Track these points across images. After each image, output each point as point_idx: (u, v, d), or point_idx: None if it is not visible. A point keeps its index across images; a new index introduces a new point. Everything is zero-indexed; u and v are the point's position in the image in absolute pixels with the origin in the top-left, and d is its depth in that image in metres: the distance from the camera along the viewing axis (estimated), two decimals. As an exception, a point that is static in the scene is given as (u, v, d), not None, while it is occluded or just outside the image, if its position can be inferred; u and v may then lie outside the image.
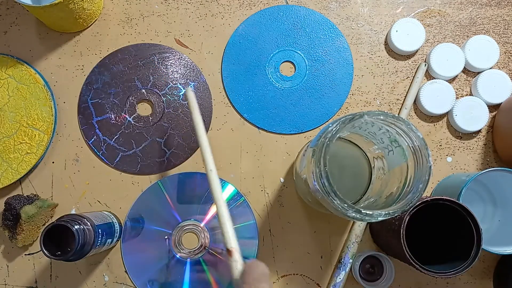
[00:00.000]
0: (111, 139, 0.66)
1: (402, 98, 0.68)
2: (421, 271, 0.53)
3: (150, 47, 0.67)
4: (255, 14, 0.68)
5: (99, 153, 0.66)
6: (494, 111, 0.68)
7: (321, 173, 0.44)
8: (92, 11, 0.66)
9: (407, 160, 0.48)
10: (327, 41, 0.68)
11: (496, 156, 0.67)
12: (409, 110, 0.67)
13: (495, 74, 0.67)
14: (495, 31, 0.69)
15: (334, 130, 0.45)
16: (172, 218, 0.64)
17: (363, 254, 0.63)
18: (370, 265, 0.64)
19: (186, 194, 0.65)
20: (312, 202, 0.58)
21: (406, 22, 0.67)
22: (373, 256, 0.64)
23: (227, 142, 0.66)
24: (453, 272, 0.53)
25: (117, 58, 0.67)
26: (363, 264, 0.64)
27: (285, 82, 0.67)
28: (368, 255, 0.63)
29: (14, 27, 0.67)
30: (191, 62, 0.67)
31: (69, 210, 0.65)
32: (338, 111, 0.67)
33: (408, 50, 0.67)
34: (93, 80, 0.67)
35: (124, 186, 0.65)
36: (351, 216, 0.45)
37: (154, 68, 0.67)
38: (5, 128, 0.64)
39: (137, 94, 0.66)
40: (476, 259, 0.53)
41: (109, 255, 0.64)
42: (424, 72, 0.67)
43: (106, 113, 0.66)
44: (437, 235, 0.62)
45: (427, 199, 0.54)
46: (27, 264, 0.64)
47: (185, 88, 0.66)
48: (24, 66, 0.65)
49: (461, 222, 0.55)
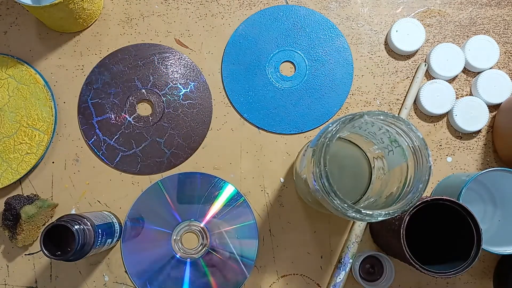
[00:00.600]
0: (111, 139, 0.66)
1: (402, 98, 0.68)
2: (421, 271, 0.53)
3: (150, 47, 0.67)
4: (255, 14, 0.68)
5: (99, 153, 0.66)
6: (494, 111, 0.68)
7: (321, 173, 0.44)
8: (92, 11, 0.66)
9: (407, 160, 0.48)
10: (327, 41, 0.68)
11: (496, 156, 0.67)
12: (409, 110, 0.67)
13: (495, 74, 0.67)
14: (495, 31, 0.69)
15: (334, 130, 0.45)
16: (172, 218, 0.64)
17: (363, 254, 0.63)
18: (370, 265, 0.64)
19: (186, 194, 0.65)
20: (312, 202, 0.58)
21: (406, 22, 0.67)
22: (373, 256, 0.64)
23: (227, 142, 0.66)
24: (453, 272, 0.53)
25: (117, 58, 0.67)
26: (363, 264, 0.64)
27: (285, 82, 0.67)
28: (368, 255, 0.63)
29: (14, 27, 0.67)
30: (191, 62, 0.67)
31: (69, 210, 0.65)
32: (338, 111, 0.67)
33: (408, 50, 0.67)
34: (93, 80, 0.67)
35: (124, 186, 0.65)
36: (351, 216, 0.45)
37: (154, 68, 0.67)
38: (5, 128, 0.64)
39: (137, 94, 0.66)
40: (476, 259, 0.53)
41: (109, 255, 0.64)
42: (424, 72, 0.67)
43: (106, 113, 0.66)
44: (437, 235, 0.62)
45: (427, 199, 0.54)
46: (27, 264, 0.64)
47: (185, 88, 0.66)
48: (24, 66, 0.65)
49: (461, 222, 0.55)
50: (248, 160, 0.66)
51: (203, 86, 0.67)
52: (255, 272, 0.64)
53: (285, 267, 0.65)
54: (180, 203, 0.65)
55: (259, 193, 0.66)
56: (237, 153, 0.66)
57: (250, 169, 0.66)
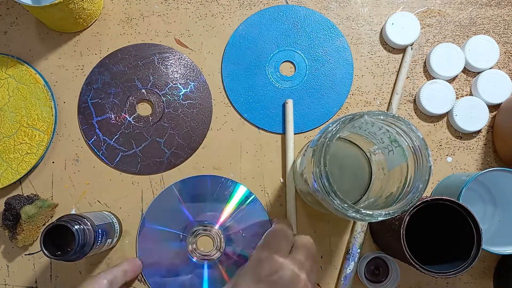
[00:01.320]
0: (111, 139, 0.66)
1: (402, 98, 0.68)
2: (421, 271, 0.53)
3: (150, 47, 0.67)
4: (255, 14, 0.68)
5: (99, 153, 0.66)
6: (494, 111, 0.68)
7: (321, 173, 0.44)
8: (92, 11, 0.66)
9: (407, 160, 0.48)
10: (327, 41, 0.68)
11: (496, 156, 0.67)
12: (401, 95, 0.67)
13: (495, 74, 0.67)
14: (495, 31, 0.69)
15: (334, 130, 0.45)
16: (186, 221, 0.64)
17: (368, 256, 0.63)
18: (375, 267, 0.64)
19: (199, 197, 0.65)
20: (312, 202, 0.58)
21: (402, 16, 0.67)
22: (378, 258, 0.64)
23: (227, 142, 0.66)
24: (453, 272, 0.53)
25: (117, 58, 0.67)
26: (368, 265, 0.64)
27: (285, 82, 0.67)
28: (373, 256, 0.63)
29: (14, 27, 0.67)
30: (191, 62, 0.67)
31: (69, 210, 0.65)
32: (338, 111, 0.67)
33: (403, 44, 0.67)
34: (93, 80, 0.67)
35: (124, 186, 0.65)
36: (351, 216, 0.45)
37: (154, 68, 0.67)
38: (5, 128, 0.64)
39: (137, 94, 0.66)
40: (476, 259, 0.53)
41: (109, 255, 0.64)
42: (411, 56, 0.67)
43: (106, 113, 0.66)
44: (437, 235, 0.62)
45: (427, 199, 0.54)
46: (27, 264, 0.64)
47: (185, 88, 0.66)
48: (24, 66, 0.65)
49: (461, 222, 0.55)
50: (248, 160, 0.66)
51: (203, 86, 0.67)
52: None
53: (285, 267, 0.65)
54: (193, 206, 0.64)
55: (259, 193, 0.66)
56: (237, 153, 0.66)
57: (250, 169, 0.66)
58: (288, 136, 0.65)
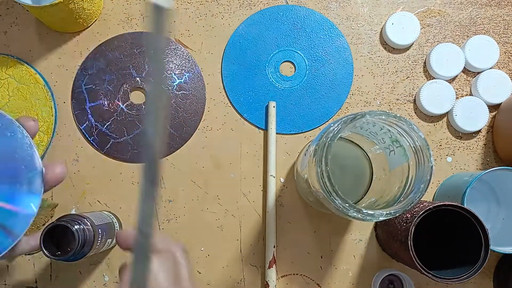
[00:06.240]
0: (103, 125, 0.66)
1: (402, 98, 0.68)
2: (433, 279, 0.52)
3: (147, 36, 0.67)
4: (255, 14, 0.68)
5: (90, 138, 0.65)
6: (494, 111, 0.68)
7: (323, 173, 0.44)
8: (92, 11, 0.65)
9: (408, 160, 0.48)
10: (327, 41, 0.68)
11: (496, 156, 0.67)
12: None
13: (495, 74, 0.67)
14: (495, 31, 0.69)
15: (336, 130, 0.45)
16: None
17: (382, 273, 0.62)
18: (389, 281, 0.63)
19: None
20: (313, 202, 0.58)
21: (402, 16, 0.67)
22: (392, 275, 0.63)
23: (227, 142, 0.66)
24: (465, 276, 0.52)
25: (113, 45, 0.67)
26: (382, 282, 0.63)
27: (285, 82, 0.67)
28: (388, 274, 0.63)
29: (14, 27, 0.67)
30: (186, 53, 0.67)
31: (69, 210, 0.65)
32: (338, 111, 0.67)
33: (403, 44, 0.67)
34: (88, 65, 0.66)
35: (124, 186, 0.65)
36: (352, 215, 0.45)
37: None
38: (5, 128, 0.64)
39: (131, 82, 0.66)
40: (486, 261, 0.52)
41: (109, 255, 0.64)
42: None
43: (100, 99, 0.66)
44: (442, 238, 0.62)
45: (429, 207, 0.53)
46: (27, 264, 0.64)
47: (179, 78, 0.66)
48: (24, 66, 0.65)
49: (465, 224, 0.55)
50: (248, 160, 0.66)
51: (197, 77, 0.67)
52: (255, 272, 0.64)
53: (285, 267, 0.65)
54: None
55: (259, 193, 0.66)
56: (237, 153, 0.66)
57: (250, 169, 0.66)
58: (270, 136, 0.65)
